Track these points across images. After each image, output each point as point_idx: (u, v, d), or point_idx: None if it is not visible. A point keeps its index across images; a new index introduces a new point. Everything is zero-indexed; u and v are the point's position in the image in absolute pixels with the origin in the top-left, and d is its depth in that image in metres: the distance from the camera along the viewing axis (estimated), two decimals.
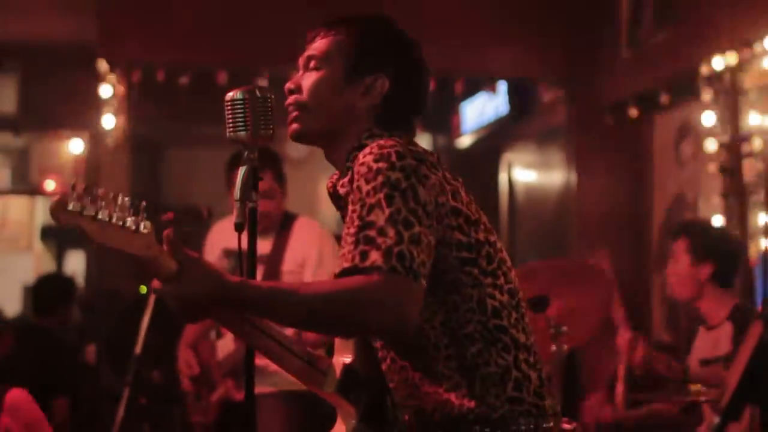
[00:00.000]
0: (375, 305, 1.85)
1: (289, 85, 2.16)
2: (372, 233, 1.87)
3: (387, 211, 1.88)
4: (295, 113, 2.14)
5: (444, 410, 1.98)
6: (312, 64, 2.15)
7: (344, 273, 1.89)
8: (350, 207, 1.94)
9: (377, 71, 2.13)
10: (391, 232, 1.86)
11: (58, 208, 1.85)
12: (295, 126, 2.15)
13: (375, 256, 1.85)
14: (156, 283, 1.96)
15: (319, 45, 2.16)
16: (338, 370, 2.12)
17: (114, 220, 1.89)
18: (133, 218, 1.91)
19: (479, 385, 1.97)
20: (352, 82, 2.12)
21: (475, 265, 1.99)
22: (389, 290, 1.85)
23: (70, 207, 1.85)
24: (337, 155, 2.15)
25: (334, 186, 2.15)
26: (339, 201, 2.14)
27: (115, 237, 1.89)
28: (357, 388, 2.09)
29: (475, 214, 2.02)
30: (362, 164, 1.94)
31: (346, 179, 2.08)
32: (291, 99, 2.15)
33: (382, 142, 1.99)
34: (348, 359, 2.12)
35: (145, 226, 1.92)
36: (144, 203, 1.94)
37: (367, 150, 1.97)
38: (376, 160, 1.93)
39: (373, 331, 1.97)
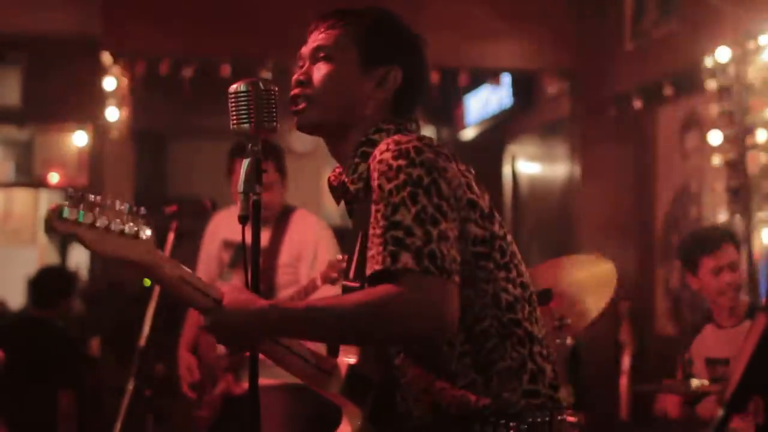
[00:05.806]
0: (414, 312, 1.82)
1: (298, 77, 2.10)
2: (400, 234, 1.83)
3: (413, 210, 1.84)
4: (302, 105, 2.09)
5: (460, 405, 1.93)
6: (321, 55, 2.10)
7: (375, 275, 1.85)
8: (373, 206, 1.90)
9: (390, 63, 2.09)
10: (419, 232, 1.83)
11: (52, 217, 1.80)
12: (302, 116, 2.10)
13: (406, 258, 1.82)
14: (200, 320, 1.96)
15: (328, 36, 2.10)
16: (343, 370, 2.08)
17: (113, 227, 1.85)
18: (131, 224, 1.88)
19: (495, 380, 1.93)
20: (365, 74, 2.09)
21: (490, 259, 1.96)
22: (425, 293, 1.81)
23: (65, 215, 1.81)
24: (342, 149, 2.11)
25: (337, 180, 2.13)
26: (340, 195, 2.12)
27: (114, 244, 1.86)
28: (362, 388, 2.05)
29: (488, 206, 1.99)
30: (381, 161, 1.91)
31: (355, 176, 2.05)
32: (298, 91, 2.09)
33: (397, 137, 1.94)
34: (353, 360, 2.07)
35: (144, 232, 1.89)
36: (143, 208, 1.90)
37: (383, 146, 1.93)
38: (395, 158, 1.89)
39: (416, 337, 1.89)
